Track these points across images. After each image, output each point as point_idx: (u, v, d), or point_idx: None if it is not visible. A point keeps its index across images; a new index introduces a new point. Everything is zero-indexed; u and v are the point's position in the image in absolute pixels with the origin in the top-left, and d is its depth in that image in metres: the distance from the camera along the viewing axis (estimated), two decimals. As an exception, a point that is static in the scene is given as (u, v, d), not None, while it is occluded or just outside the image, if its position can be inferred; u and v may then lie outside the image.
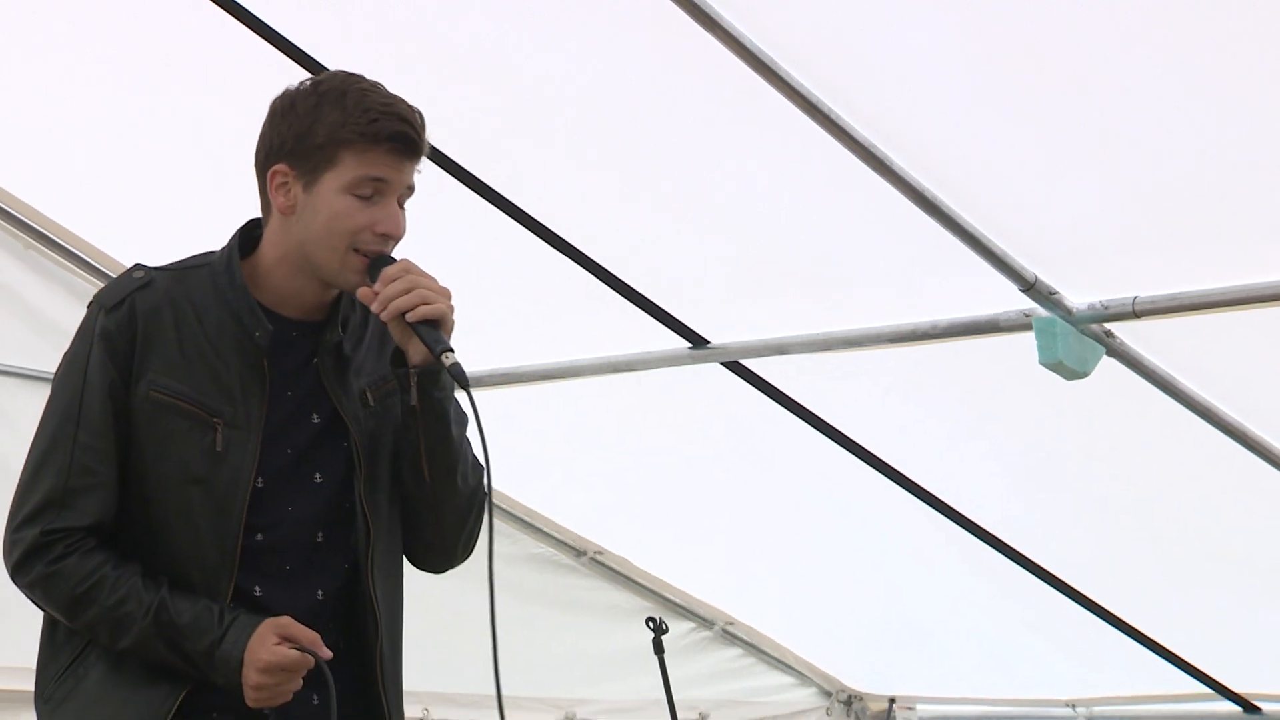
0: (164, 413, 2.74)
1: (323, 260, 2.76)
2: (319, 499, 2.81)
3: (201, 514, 2.73)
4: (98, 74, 4.12)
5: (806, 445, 5.08)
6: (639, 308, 4.53)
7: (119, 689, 2.73)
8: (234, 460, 2.74)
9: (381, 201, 2.76)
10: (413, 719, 5.67)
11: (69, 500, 2.72)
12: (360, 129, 2.73)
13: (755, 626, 6.49)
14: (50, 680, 2.78)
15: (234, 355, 2.77)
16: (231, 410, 2.75)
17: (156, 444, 2.74)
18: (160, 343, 2.76)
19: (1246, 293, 3.90)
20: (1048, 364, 4.10)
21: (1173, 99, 3.55)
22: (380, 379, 2.87)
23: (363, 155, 2.73)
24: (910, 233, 3.92)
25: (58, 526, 2.72)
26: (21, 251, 4.63)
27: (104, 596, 2.69)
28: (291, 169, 2.76)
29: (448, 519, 2.87)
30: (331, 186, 2.74)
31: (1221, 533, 5.21)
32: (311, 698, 2.79)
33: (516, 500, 5.74)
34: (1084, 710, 6.50)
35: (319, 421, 2.81)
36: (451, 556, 2.94)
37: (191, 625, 2.68)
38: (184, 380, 2.75)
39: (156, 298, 2.78)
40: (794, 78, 3.49)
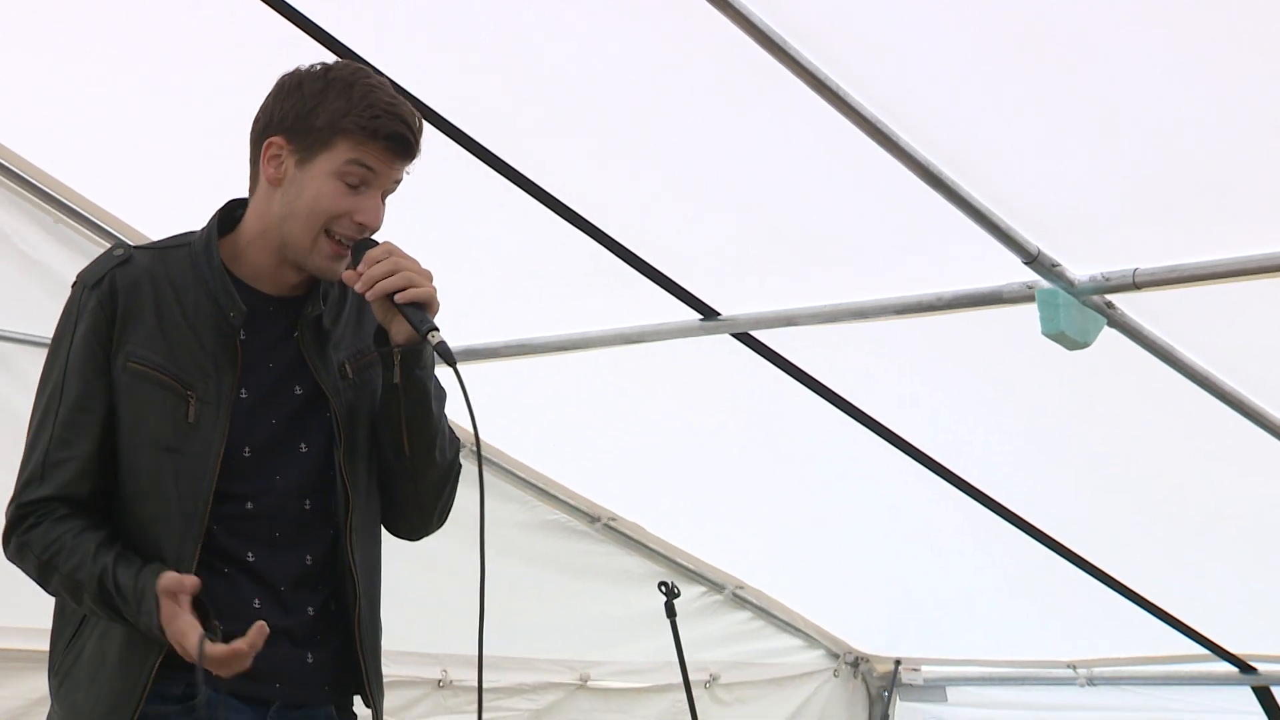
0: (141, 383, 2.76)
1: (295, 238, 2.78)
2: (305, 467, 2.83)
3: (173, 483, 2.75)
4: (128, 53, 4.11)
5: (814, 414, 5.08)
6: (651, 280, 4.53)
7: (106, 657, 2.75)
8: (204, 433, 2.75)
9: (366, 192, 2.78)
10: (431, 679, 5.73)
11: (46, 473, 2.77)
12: (362, 122, 2.75)
13: (765, 590, 6.49)
14: (60, 652, 2.82)
15: (209, 333, 2.79)
16: (204, 386, 2.77)
17: (134, 413, 2.76)
18: (139, 317, 2.78)
19: (1244, 264, 3.89)
20: (1050, 334, 4.10)
21: (1172, 75, 3.53)
22: (358, 352, 2.89)
23: (359, 147, 2.76)
24: (916, 207, 3.91)
25: (30, 499, 2.77)
26: (52, 225, 4.63)
27: (61, 562, 2.73)
28: (288, 143, 2.78)
29: (426, 490, 2.90)
30: (323, 169, 2.76)
31: (1218, 498, 5.21)
32: (305, 656, 2.83)
33: (531, 468, 5.74)
34: (1084, 671, 6.50)
35: (301, 393, 2.83)
36: (427, 525, 2.97)
37: (129, 590, 2.69)
38: (161, 353, 2.77)
39: (136, 274, 2.80)
40: (803, 56, 3.47)
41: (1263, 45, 3.35)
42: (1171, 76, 3.52)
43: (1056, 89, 3.60)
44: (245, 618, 2.70)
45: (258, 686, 2.77)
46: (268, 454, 2.81)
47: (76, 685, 2.77)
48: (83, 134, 4.41)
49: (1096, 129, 3.68)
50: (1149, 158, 3.75)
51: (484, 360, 4.94)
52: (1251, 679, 6.23)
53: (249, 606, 2.75)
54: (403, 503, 2.91)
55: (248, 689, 2.76)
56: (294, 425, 2.83)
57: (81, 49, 4.10)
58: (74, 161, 4.54)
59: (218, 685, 2.71)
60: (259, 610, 2.76)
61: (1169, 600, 5.85)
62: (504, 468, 5.70)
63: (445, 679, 5.64)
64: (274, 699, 2.80)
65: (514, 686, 5.88)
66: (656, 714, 6.20)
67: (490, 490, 5.98)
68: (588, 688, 6.09)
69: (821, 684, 6.81)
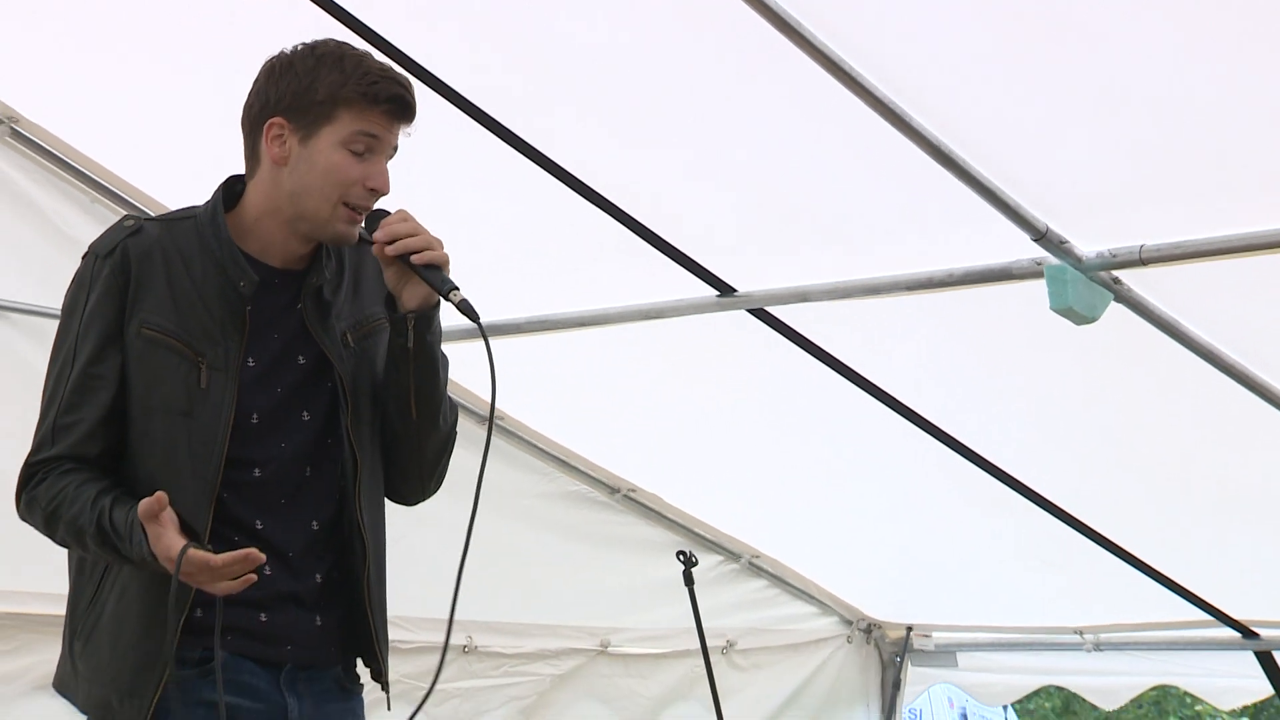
0: (154, 348, 2.77)
1: (314, 210, 2.80)
2: (307, 435, 2.84)
3: (186, 446, 2.76)
4: (163, 37, 4.11)
5: (827, 388, 5.07)
6: (669, 258, 4.52)
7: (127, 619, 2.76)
8: (214, 398, 2.76)
9: (372, 158, 2.80)
10: (456, 645, 5.74)
11: (56, 436, 2.78)
12: (361, 89, 2.77)
13: (780, 559, 6.50)
14: (80, 613, 2.83)
15: (218, 302, 2.80)
16: (213, 352, 2.78)
17: (147, 378, 2.77)
18: (151, 285, 2.79)
19: (1248, 240, 3.87)
20: (1058, 310, 4.08)
21: (1178, 55, 3.52)
22: (358, 322, 2.91)
23: (361, 114, 2.77)
24: (927, 185, 3.90)
25: (38, 459, 2.79)
26: (88, 204, 4.64)
27: (64, 510, 2.74)
28: (289, 122, 2.79)
29: (428, 455, 2.92)
30: (328, 141, 2.77)
31: (1222, 468, 5.20)
32: (315, 619, 2.85)
33: (553, 440, 5.75)
34: (1091, 637, 6.51)
35: (305, 362, 2.85)
36: (425, 489, 2.98)
37: (122, 527, 2.69)
38: (173, 320, 2.78)
39: (148, 243, 2.81)
40: (816, 37, 3.46)
41: (1267, 24, 3.32)
42: (1177, 56, 3.50)
43: (1065, 70, 3.58)
44: (256, 584, 2.71)
45: (270, 649, 2.80)
46: (274, 421, 2.82)
47: (99, 647, 2.78)
48: (118, 116, 4.42)
49: (1104, 108, 3.67)
50: (1155, 136, 3.73)
51: (506, 335, 4.93)
52: (1254, 644, 6.23)
53: (259, 573, 2.74)
54: (405, 467, 2.92)
55: (260, 652, 2.79)
56: (297, 394, 2.84)
57: (117, 33, 4.10)
58: (110, 142, 4.55)
59: (232, 649, 2.73)
60: (269, 576, 2.76)
61: (1173, 568, 5.84)
62: (526, 440, 5.70)
63: (470, 644, 5.66)
64: (285, 661, 2.82)
65: (537, 652, 5.90)
66: (675, 679, 6.21)
67: (513, 462, 6.06)
68: (608, 653, 6.11)
69: (835, 650, 6.83)
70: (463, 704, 5.68)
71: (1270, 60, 3.42)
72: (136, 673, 2.73)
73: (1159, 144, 3.75)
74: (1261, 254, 3.88)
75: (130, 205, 4.65)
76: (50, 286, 4.58)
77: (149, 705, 2.72)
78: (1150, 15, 3.39)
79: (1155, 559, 5.79)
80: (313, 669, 2.86)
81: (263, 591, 2.75)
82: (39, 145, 4.52)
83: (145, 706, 2.72)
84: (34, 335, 4.60)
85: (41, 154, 4.54)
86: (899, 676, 6.86)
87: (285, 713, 2.80)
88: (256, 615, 2.78)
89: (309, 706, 2.83)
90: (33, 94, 4.42)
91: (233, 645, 2.75)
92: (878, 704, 6.95)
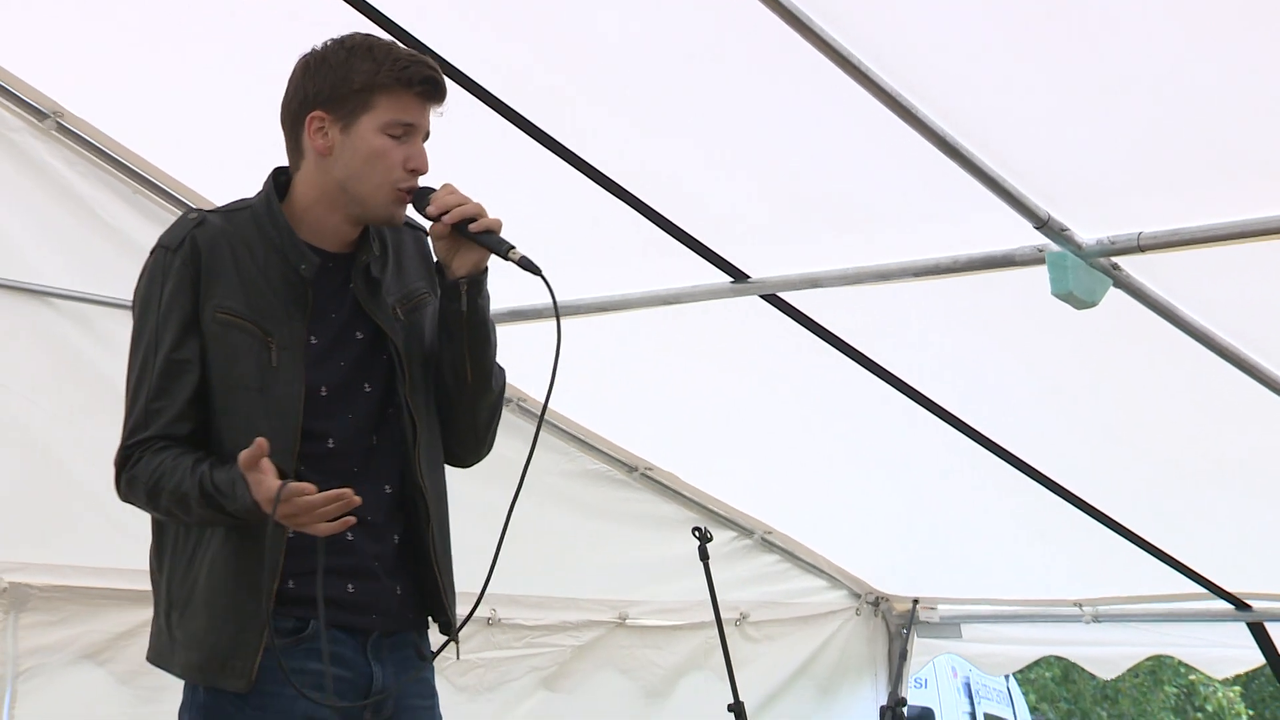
0: (228, 331, 2.81)
1: (366, 194, 2.84)
2: (370, 405, 2.88)
3: (264, 420, 2.78)
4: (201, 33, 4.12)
5: (838, 370, 5.07)
6: (685, 246, 4.52)
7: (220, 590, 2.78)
8: (285, 374, 2.81)
9: (410, 140, 2.85)
10: (480, 618, 5.75)
11: (148, 420, 2.81)
12: (395, 74, 2.81)
13: (791, 535, 6.50)
14: (176, 585, 2.84)
15: (281, 285, 2.84)
16: (280, 332, 2.82)
17: (223, 359, 2.81)
18: (221, 271, 2.83)
19: (1243, 227, 3.86)
20: (1059, 295, 4.08)
21: (1177, 52, 3.50)
22: (405, 297, 2.95)
23: (396, 99, 2.82)
24: (933, 175, 3.89)
25: (134, 441, 2.81)
26: (130, 195, 4.65)
27: (166, 481, 2.76)
28: (328, 114, 2.83)
29: (481, 416, 2.97)
30: (369, 128, 2.81)
31: (1215, 447, 5.19)
32: (395, 588, 2.88)
33: (574, 421, 5.75)
34: (1089, 609, 6.50)
35: (362, 337, 2.89)
36: (480, 450, 3.04)
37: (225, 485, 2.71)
38: (242, 303, 2.82)
39: (213, 233, 2.86)
40: (826, 32, 3.46)
41: (1265, 16, 3.31)
42: (1177, 52, 3.49)
43: (1066, 63, 3.57)
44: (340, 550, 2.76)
45: (358, 618, 2.83)
46: (340, 394, 2.85)
47: (196, 614, 2.80)
48: (159, 110, 4.42)
49: (1104, 101, 3.66)
50: (1153, 127, 3.72)
51: (529, 321, 4.93)
52: (1246, 615, 6.22)
53: (342, 539, 2.78)
54: (460, 429, 2.97)
55: (349, 620, 2.82)
56: (358, 367, 2.88)
57: (158, 30, 4.10)
58: (151, 136, 4.55)
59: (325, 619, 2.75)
60: (352, 543, 2.80)
61: (1169, 542, 5.83)
62: (548, 420, 5.69)
63: (494, 617, 5.67)
64: (372, 629, 2.85)
65: (558, 624, 5.90)
66: (690, 649, 6.22)
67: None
68: (626, 625, 6.11)
69: (844, 622, 6.83)
70: (487, 673, 5.70)
71: (1267, 52, 3.41)
72: (236, 635, 2.76)
73: (1157, 134, 3.74)
74: (1256, 240, 3.87)
75: (170, 196, 4.67)
76: (92, 274, 4.62)
77: (252, 666, 2.74)
78: (1152, 11, 3.38)
79: (1151, 534, 5.78)
80: (395, 635, 2.90)
81: (348, 560, 2.80)
82: (83, 139, 4.53)
83: (248, 668, 2.75)
84: (78, 320, 4.62)
85: (85, 147, 4.55)
86: (905, 647, 6.85)
87: (371, 680, 2.84)
88: (344, 586, 2.81)
89: (391, 675, 2.86)
90: (77, 89, 4.43)
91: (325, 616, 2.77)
92: (885, 674, 6.95)
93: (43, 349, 4.58)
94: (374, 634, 2.86)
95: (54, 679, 4.60)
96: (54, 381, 4.58)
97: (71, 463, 4.56)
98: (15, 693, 4.50)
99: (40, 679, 4.56)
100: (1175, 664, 19.02)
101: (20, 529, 4.55)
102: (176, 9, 4.01)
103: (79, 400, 4.56)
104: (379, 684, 2.84)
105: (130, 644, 4.71)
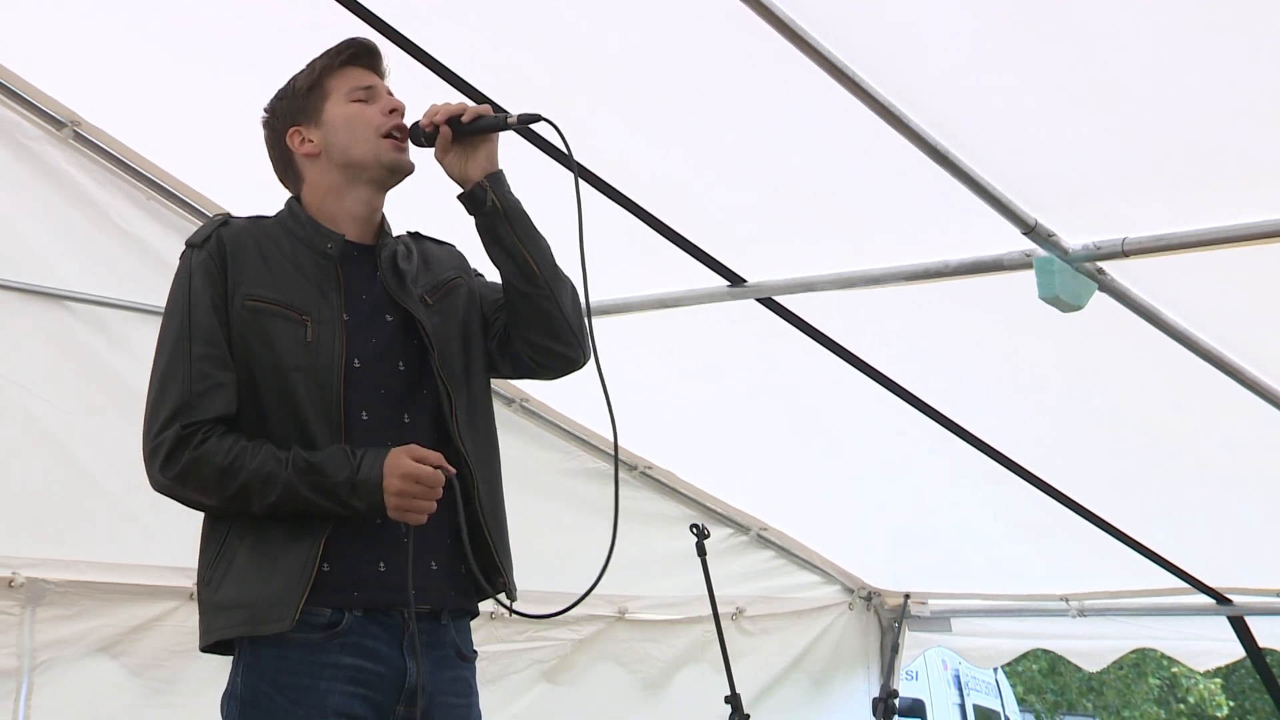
0: (260, 317, 2.81)
1: (364, 154, 2.89)
2: (404, 382, 2.87)
3: (305, 396, 2.78)
4: (215, 45, 4.11)
5: (831, 372, 5.07)
6: (682, 250, 4.52)
7: (264, 557, 2.75)
8: (325, 347, 2.80)
9: (377, 98, 2.93)
10: (484, 612, 5.72)
11: (195, 402, 2.78)
12: (330, 60, 2.93)
13: (786, 532, 6.50)
14: (208, 566, 2.82)
15: (311, 267, 2.87)
16: (316, 309, 2.83)
17: (259, 344, 2.81)
18: (246, 262, 2.85)
19: (1224, 233, 3.86)
20: (1046, 298, 4.08)
21: (1161, 62, 3.50)
22: (434, 286, 2.97)
23: (342, 76, 2.92)
24: (924, 182, 3.89)
25: (192, 420, 2.77)
26: (144, 202, 4.65)
27: (247, 460, 2.74)
28: (300, 124, 2.92)
29: (568, 307, 2.94)
30: (335, 106, 2.90)
31: (1198, 446, 5.19)
32: (430, 563, 2.82)
33: (574, 420, 5.75)
34: (1075, 604, 6.50)
35: (392, 320, 2.89)
36: (583, 345, 3.01)
37: (329, 462, 2.73)
38: (271, 288, 2.83)
39: (238, 229, 2.90)
40: (819, 43, 3.46)
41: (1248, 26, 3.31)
42: (1161, 62, 3.49)
43: (1053, 73, 3.57)
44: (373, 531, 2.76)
45: (393, 596, 2.77)
46: (373, 368, 2.84)
47: (235, 581, 2.75)
48: (174, 119, 4.42)
49: (1089, 109, 3.66)
50: (1138, 135, 3.72)
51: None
52: (1227, 610, 6.23)
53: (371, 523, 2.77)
54: (553, 327, 2.92)
55: (385, 600, 2.77)
56: (391, 346, 2.87)
57: (174, 41, 4.10)
58: (166, 144, 4.55)
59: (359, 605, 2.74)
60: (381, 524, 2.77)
61: (1153, 538, 5.84)
62: (549, 420, 5.71)
63: (497, 610, 5.65)
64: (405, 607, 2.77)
65: (559, 618, 5.89)
66: (687, 643, 6.22)
67: (537, 440, 6.05)
68: (626, 619, 6.11)
69: (837, 616, 6.83)
70: (490, 666, 5.69)
71: (1248, 61, 3.41)
72: (284, 587, 2.71)
73: (1141, 142, 3.74)
74: (1237, 246, 3.87)
75: (183, 203, 4.67)
76: (108, 278, 4.62)
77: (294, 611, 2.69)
78: (1137, 20, 3.37)
79: (1136, 530, 5.79)
80: (434, 625, 2.83)
81: (379, 538, 2.77)
82: (99, 147, 4.53)
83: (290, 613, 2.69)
84: (94, 323, 4.62)
85: (102, 155, 4.55)
86: (897, 641, 6.86)
87: (405, 676, 2.77)
88: (376, 564, 2.77)
89: (427, 672, 2.80)
90: (94, 99, 4.43)
91: (359, 601, 2.75)
92: (877, 666, 6.95)
93: (60, 351, 4.58)
94: (409, 627, 2.77)
95: (69, 671, 4.60)
96: (70, 382, 4.58)
97: (87, 461, 4.56)
98: (32, 684, 4.50)
99: (56, 671, 4.56)
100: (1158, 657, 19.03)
101: (37, 526, 4.55)
102: (192, 21, 4.01)
103: (95, 400, 4.56)
104: (412, 680, 2.77)
105: (143, 637, 4.72)
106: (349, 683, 2.73)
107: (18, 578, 4.48)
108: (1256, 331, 4.43)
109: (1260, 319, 4.39)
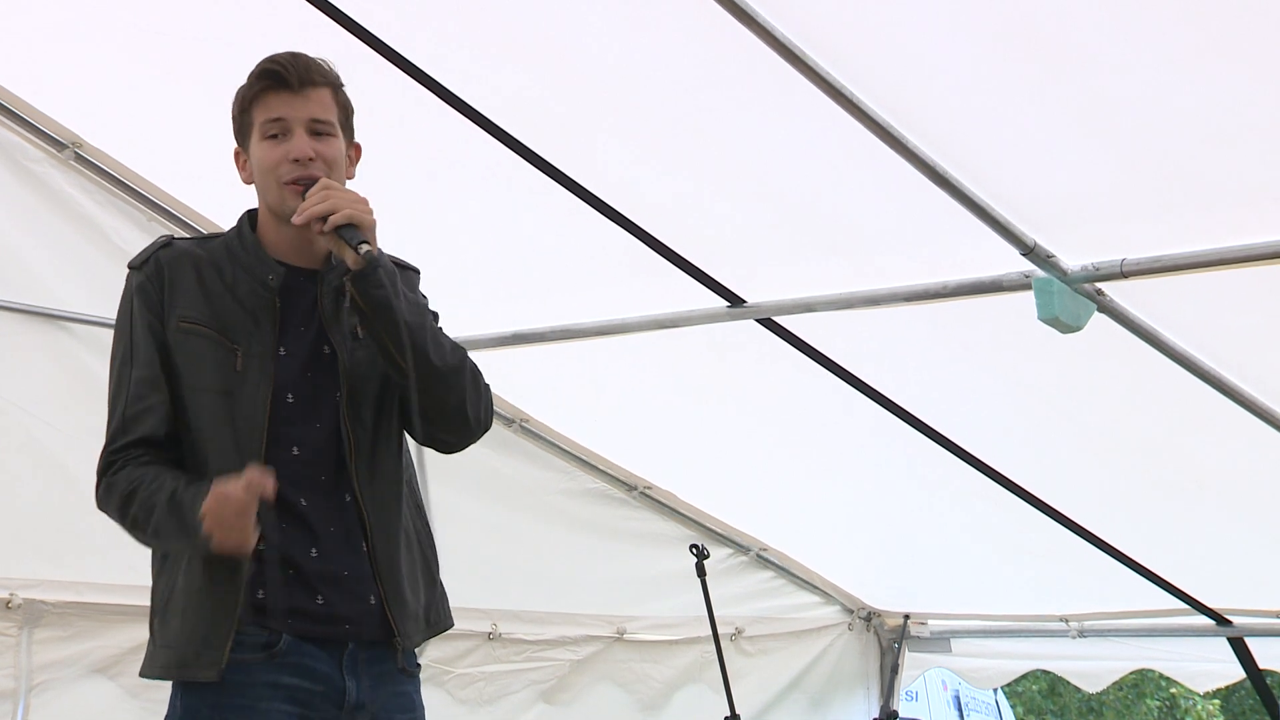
0: (191, 339, 2.83)
1: (272, 200, 2.88)
2: (338, 418, 2.84)
3: (230, 424, 2.78)
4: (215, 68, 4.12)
5: (831, 393, 5.07)
6: (682, 271, 4.52)
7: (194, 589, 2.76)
8: (252, 378, 2.80)
9: (289, 137, 2.86)
10: (482, 632, 5.74)
11: (129, 426, 2.83)
12: (250, 84, 2.89)
13: (786, 552, 6.50)
14: (156, 594, 2.85)
15: (249, 298, 2.86)
16: (247, 340, 2.82)
17: (189, 366, 2.82)
18: (183, 286, 2.86)
19: (1222, 255, 3.86)
20: (1045, 319, 4.08)
21: (1158, 83, 3.51)
22: None
23: (261, 103, 2.88)
24: (923, 203, 3.90)
25: (116, 447, 2.83)
26: (145, 223, 4.67)
27: (141, 490, 2.76)
28: (240, 147, 2.93)
29: (442, 394, 2.81)
30: (255, 142, 2.88)
31: (1198, 467, 5.19)
32: (369, 597, 2.81)
33: (574, 441, 5.76)
34: (1075, 624, 6.50)
35: (329, 353, 2.87)
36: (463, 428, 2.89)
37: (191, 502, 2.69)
38: (205, 313, 2.84)
39: (177, 253, 2.90)
40: (819, 65, 3.46)
41: (1246, 50, 3.32)
42: (1157, 86, 3.50)
43: (1052, 95, 3.58)
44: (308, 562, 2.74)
45: (330, 629, 2.77)
46: (309, 403, 2.82)
47: (173, 614, 2.79)
48: (174, 141, 4.43)
49: (1088, 132, 3.66)
50: (1136, 157, 3.73)
51: (531, 344, 4.95)
52: (1227, 630, 6.22)
53: (308, 550, 2.77)
54: (427, 413, 2.80)
55: (322, 632, 2.77)
56: (328, 380, 2.84)
57: (173, 64, 4.11)
58: (165, 166, 4.56)
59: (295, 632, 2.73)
60: (316, 558, 2.77)
61: (1153, 559, 5.83)
62: (549, 440, 5.71)
63: (495, 631, 5.66)
64: (347, 640, 2.79)
65: (558, 639, 5.89)
66: (686, 663, 6.21)
67: (536, 461, 6.05)
68: (624, 640, 6.11)
69: (837, 637, 6.82)
70: (487, 686, 5.69)
71: (1245, 83, 3.42)
72: (211, 626, 2.72)
73: (1140, 164, 3.74)
74: (1235, 267, 3.88)
75: (183, 224, 4.68)
76: (109, 300, 4.57)
77: (222, 655, 2.71)
78: (1135, 43, 3.38)
79: (1136, 551, 5.78)
80: (374, 649, 2.82)
81: (314, 571, 2.76)
82: (100, 168, 4.55)
83: (219, 657, 2.71)
84: (94, 345, 4.62)
85: (102, 176, 4.56)
86: (897, 661, 6.86)
87: (343, 695, 2.76)
88: (313, 598, 2.76)
89: (367, 689, 2.79)
90: (95, 120, 4.44)
91: (295, 628, 2.74)
92: (877, 687, 6.94)
93: (60, 372, 4.58)
94: (349, 647, 2.78)
95: (66, 692, 4.59)
96: (70, 403, 4.58)
97: (85, 482, 4.51)
98: (29, 706, 4.50)
99: (52, 692, 4.56)
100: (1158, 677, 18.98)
101: (35, 547, 4.55)
102: (192, 43, 4.01)
103: (93, 422, 4.53)
104: (353, 698, 2.77)
105: (139, 658, 4.69)
106: (288, 702, 2.73)
107: (15, 599, 4.48)
108: (1255, 352, 4.43)
109: (1259, 340, 4.39)
